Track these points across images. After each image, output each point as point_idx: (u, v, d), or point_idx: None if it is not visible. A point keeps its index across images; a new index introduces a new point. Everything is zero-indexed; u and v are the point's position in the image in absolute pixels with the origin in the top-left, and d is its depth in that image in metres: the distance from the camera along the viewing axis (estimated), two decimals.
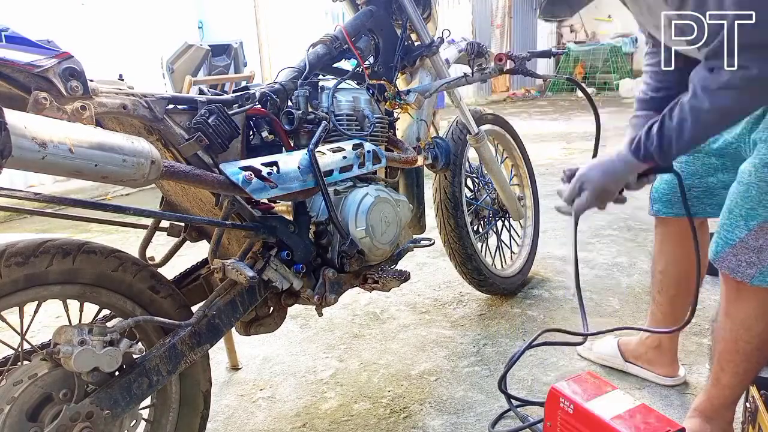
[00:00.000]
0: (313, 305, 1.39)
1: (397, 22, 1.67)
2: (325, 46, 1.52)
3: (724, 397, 1.30)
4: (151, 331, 1.17)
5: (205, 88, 1.34)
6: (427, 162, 1.77)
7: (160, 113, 1.09)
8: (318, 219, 1.39)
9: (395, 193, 1.55)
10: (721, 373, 1.29)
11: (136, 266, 1.13)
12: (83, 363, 0.96)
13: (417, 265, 2.74)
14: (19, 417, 0.95)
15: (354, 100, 1.50)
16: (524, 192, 2.51)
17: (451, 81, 1.67)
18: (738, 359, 1.24)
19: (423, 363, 1.87)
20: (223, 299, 1.22)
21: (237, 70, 4.68)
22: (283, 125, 1.35)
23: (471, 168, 2.29)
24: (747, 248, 1.15)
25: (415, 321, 2.17)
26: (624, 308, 2.15)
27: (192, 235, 1.42)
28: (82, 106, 0.95)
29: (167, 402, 1.21)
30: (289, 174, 1.23)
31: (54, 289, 1.03)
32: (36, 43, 0.93)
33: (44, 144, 0.81)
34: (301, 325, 2.20)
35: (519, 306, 2.25)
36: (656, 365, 1.66)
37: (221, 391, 1.77)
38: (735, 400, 1.31)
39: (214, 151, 1.17)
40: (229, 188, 1.14)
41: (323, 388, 1.75)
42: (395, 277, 1.49)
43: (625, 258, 2.67)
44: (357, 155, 1.40)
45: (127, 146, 0.92)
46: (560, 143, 6.12)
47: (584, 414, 1.19)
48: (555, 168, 4.88)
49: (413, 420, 1.57)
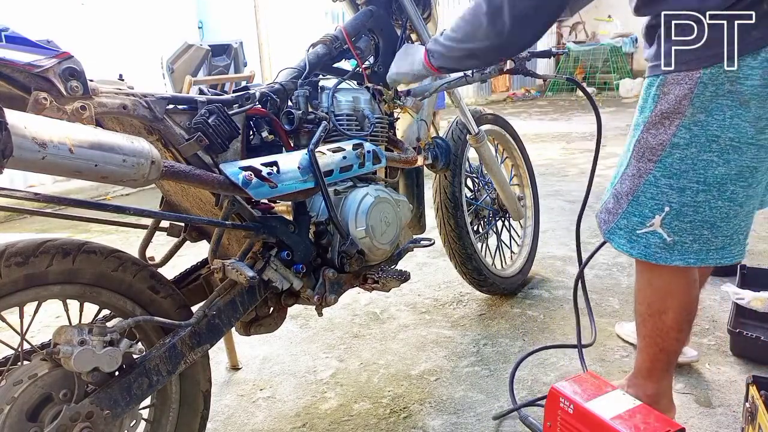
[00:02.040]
0: (313, 305, 1.39)
1: (397, 22, 1.67)
2: (325, 46, 1.52)
3: (641, 360, 1.41)
4: (151, 331, 1.17)
5: (205, 88, 1.34)
6: (427, 162, 1.77)
7: (160, 113, 1.09)
8: (318, 219, 1.39)
9: (395, 193, 1.55)
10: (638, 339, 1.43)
11: (136, 266, 1.13)
12: (83, 363, 0.96)
13: (417, 265, 2.74)
14: (19, 417, 0.95)
15: (354, 100, 1.50)
16: (524, 192, 2.51)
17: (451, 81, 1.67)
18: (638, 323, 1.39)
19: (423, 363, 1.87)
20: (223, 299, 1.22)
21: (237, 70, 4.67)
22: (283, 125, 1.35)
23: (471, 168, 2.29)
24: (605, 209, 1.36)
25: (415, 321, 2.17)
26: (624, 308, 2.15)
27: (192, 235, 1.42)
28: (82, 106, 0.95)
29: (167, 402, 1.21)
30: (289, 174, 1.22)
31: (54, 289, 1.03)
32: (36, 43, 0.93)
33: (44, 144, 0.81)
34: (301, 325, 2.20)
35: (519, 306, 2.25)
36: None
37: (221, 391, 1.77)
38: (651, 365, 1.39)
39: (214, 151, 1.17)
40: (229, 188, 1.13)
41: (323, 388, 1.75)
42: (395, 277, 1.49)
43: (625, 258, 2.66)
44: (357, 155, 1.40)
45: (127, 146, 0.92)
46: (560, 143, 6.12)
47: (584, 414, 1.19)
48: (555, 168, 4.87)
49: (413, 420, 1.57)
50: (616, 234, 1.31)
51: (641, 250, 1.27)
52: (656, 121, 1.19)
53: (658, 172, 1.20)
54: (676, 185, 1.19)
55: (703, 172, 1.16)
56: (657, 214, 1.22)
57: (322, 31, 1.64)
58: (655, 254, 1.25)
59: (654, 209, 1.23)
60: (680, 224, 1.21)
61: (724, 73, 1.09)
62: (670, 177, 1.19)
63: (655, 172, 1.21)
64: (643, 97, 1.25)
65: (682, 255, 1.23)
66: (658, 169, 1.20)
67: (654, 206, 1.23)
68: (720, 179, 1.16)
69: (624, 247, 1.30)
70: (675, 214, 1.20)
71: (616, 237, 1.32)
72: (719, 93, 1.11)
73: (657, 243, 1.24)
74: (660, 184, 1.21)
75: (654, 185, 1.22)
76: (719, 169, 1.15)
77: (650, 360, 1.38)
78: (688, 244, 1.22)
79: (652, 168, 1.21)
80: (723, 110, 1.12)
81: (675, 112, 1.16)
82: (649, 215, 1.24)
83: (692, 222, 1.20)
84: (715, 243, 1.22)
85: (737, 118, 1.11)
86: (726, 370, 1.71)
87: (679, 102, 1.15)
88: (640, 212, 1.25)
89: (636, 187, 1.25)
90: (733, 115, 1.11)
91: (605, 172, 3.89)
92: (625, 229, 1.29)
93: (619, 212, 1.30)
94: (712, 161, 1.15)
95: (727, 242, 1.23)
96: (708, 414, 1.52)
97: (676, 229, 1.22)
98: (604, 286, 2.36)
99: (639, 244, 1.27)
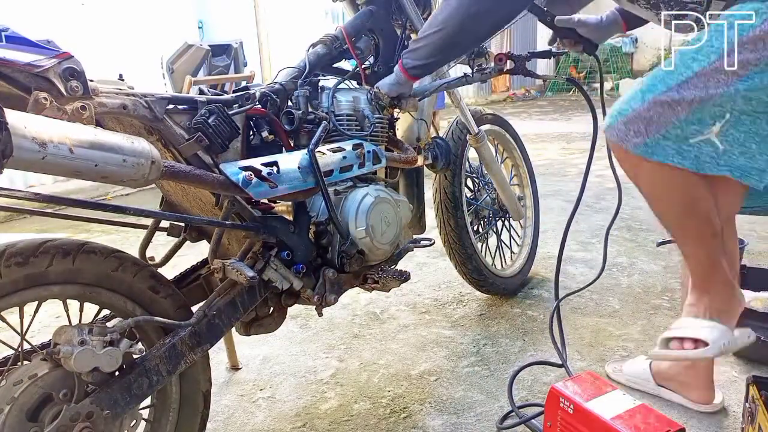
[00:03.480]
0: (313, 305, 1.39)
1: (397, 22, 1.67)
2: (325, 46, 1.52)
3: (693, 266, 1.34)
4: (151, 331, 1.17)
5: (205, 88, 1.34)
6: (427, 162, 1.77)
7: (160, 113, 1.09)
8: (318, 219, 1.39)
9: (395, 193, 1.55)
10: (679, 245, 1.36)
11: (136, 266, 1.13)
12: (83, 363, 0.96)
13: (417, 265, 2.74)
14: (19, 417, 0.95)
15: (354, 100, 1.51)
16: (524, 192, 2.51)
17: (450, 81, 1.67)
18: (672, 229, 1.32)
19: (423, 363, 1.87)
20: (223, 299, 1.22)
21: (237, 70, 4.66)
22: (283, 125, 1.35)
23: (471, 168, 2.29)
24: (638, 119, 1.23)
25: (415, 321, 2.17)
26: (624, 308, 2.15)
27: (192, 235, 1.42)
28: (82, 106, 0.95)
29: (167, 402, 1.21)
30: (289, 174, 1.23)
31: (54, 289, 1.03)
32: (36, 43, 0.93)
33: (44, 144, 0.81)
34: (301, 325, 2.20)
35: (519, 306, 2.25)
36: (690, 389, 1.54)
37: (221, 391, 1.77)
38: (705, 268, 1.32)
39: (214, 151, 1.17)
40: (229, 188, 1.13)
41: (323, 388, 1.75)
42: (395, 277, 1.49)
43: (625, 258, 2.67)
44: (357, 155, 1.40)
45: (127, 146, 0.92)
46: (560, 143, 6.13)
47: (584, 414, 1.19)
48: (555, 168, 4.88)
49: (413, 420, 1.57)
50: (660, 146, 1.20)
51: (692, 160, 1.18)
52: (758, 37, 1.09)
53: (743, 84, 1.12)
54: (751, 96, 1.12)
55: None
56: (718, 122, 1.15)
57: (322, 31, 1.64)
58: (705, 164, 1.18)
59: (716, 116, 1.15)
60: (735, 133, 1.15)
61: None
62: (750, 89, 1.12)
63: (739, 84, 1.12)
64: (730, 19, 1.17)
65: (729, 165, 1.17)
66: (744, 81, 1.12)
67: (716, 113, 1.15)
68: None
69: (673, 158, 1.19)
70: (734, 121, 1.14)
71: (659, 149, 1.20)
72: None
73: (709, 152, 1.17)
74: (738, 96, 1.13)
75: (730, 98, 1.14)
76: None
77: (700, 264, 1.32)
78: (736, 156, 1.16)
79: (737, 79, 1.12)
80: None
81: None
82: (708, 123, 1.16)
83: (747, 132, 1.15)
84: (759, 162, 1.16)
85: None
86: (726, 370, 1.71)
87: None
88: (700, 119, 1.16)
89: (708, 96, 1.15)
90: None
91: (605, 172, 3.88)
92: (676, 138, 1.18)
93: (672, 120, 1.18)
94: None
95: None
96: (708, 414, 1.52)
97: (730, 138, 1.15)
98: (603, 286, 2.36)
99: (691, 154, 1.18)
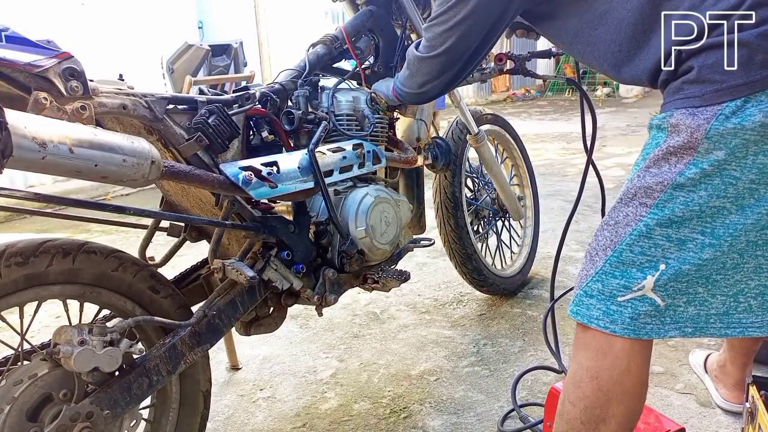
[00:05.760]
0: (313, 305, 1.39)
1: (397, 22, 1.67)
2: (325, 46, 1.52)
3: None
4: (151, 331, 1.17)
5: (205, 88, 1.34)
6: (427, 162, 1.77)
7: (160, 113, 1.09)
8: (318, 219, 1.39)
9: (395, 193, 1.55)
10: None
11: (136, 266, 1.13)
12: (83, 363, 0.96)
13: (417, 265, 2.74)
14: (19, 417, 0.95)
15: (354, 100, 1.51)
16: (524, 192, 2.51)
17: None
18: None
19: (423, 363, 1.87)
20: (223, 299, 1.22)
21: (237, 70, 4.66)
22: (283, 125, 1.35)
23: (471, 168, 2.29)
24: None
25: (415, 321, 2.17)
26: None
27: (192, 235, 1.42)
28: (82, 106, 0.95)
29: (167, 402, 1.21)
30: (289, 174, 1.23)
31: (54, 289, 1.03)
32: (36, 43, 0.93)
33: (44, 144, 0.81)
34: (301, 325, 2.20)
35: (519, 306, 2.25)
36: (721, 385, 1.58)
37: (221, 391, 1.77)
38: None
39: (214, 151, 1.17)
40: (229, 188, 1.14)
41: (323, 388, 1.75)
42: (395, 277, 1.49)
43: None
44: (357, 155, 1.40)
45: (127, 146, 0.92)
46: (560, 143, 6.12)
47: None
48: (555, 168, 4.88)
49: (413, 420, 1.57)
50: (584, 305, 0.98)
51: (627, 324, 0.93)
52: (660, 157, 0.93)
53: (652, 218, 0.93)
54: (675, 236, 0.92)
55: (711, 221, 0.90)
56: (649, 274, 0.93)
57: (322, 31, 1.64)
58: (645, 326, 0.94)
59: (645, 268, 0.93)
60: (677, 285, 0.93)
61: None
62: (668, 226, 0.92)
63: (648, 219, 0.93)
64: (647, 141, 1.00)
65: (677, 323, 0.94)
66: (653, 215, 0.93)
67: (645, 263, 0.93)
68: (732, 229, 0.90)
69: (599, 321, 0.95)
70: (673, 273, 0.92)
71: (583, 309, 0.98)
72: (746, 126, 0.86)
73: (647, 311, 0.93)
74: (654, 234, 0.93)
75: (645, 236, 0.93)
76: (731, 217, 0.90)
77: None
78: (682, 307, 0.94)
79: (644, 214, 0.93)
80: (747, 146, 0.86)
81: (686, 147, 0.89)
82: (637, 276, 0.93)
83: (689, 280, 0.93)
84: (714, 305, 0.94)
85: (762, 155, 0.86)
86: None
87: (691, 135, 0.88)
88: (623, 272, 0.95)
89: (619, 238, 0.96)
90: (758, 152, 0.86)
91: (605, 172, 3.89)
92: (599, 296, 0.96)
93: (591, 274, 0.98)
94: (725, 208, 0.90)
95: (732, 306, 0.94)
96: (708, 414, 1.52)
97: (671, 291, 0.93)
98: None
99: (623, 316, 0.94)
